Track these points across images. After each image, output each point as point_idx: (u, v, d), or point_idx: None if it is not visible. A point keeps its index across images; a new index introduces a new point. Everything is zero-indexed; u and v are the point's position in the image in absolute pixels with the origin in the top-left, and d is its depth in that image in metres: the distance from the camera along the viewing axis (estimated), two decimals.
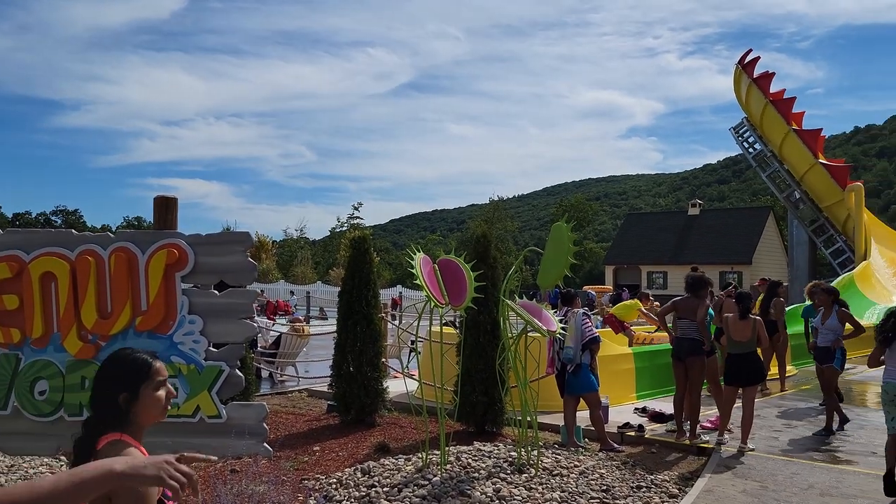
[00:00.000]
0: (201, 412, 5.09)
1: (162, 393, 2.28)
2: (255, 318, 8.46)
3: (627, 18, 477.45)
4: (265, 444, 5.20)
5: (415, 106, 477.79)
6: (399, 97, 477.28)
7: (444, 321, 7.06)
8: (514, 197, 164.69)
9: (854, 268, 26.97)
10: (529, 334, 7.17)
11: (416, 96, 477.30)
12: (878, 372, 15.82)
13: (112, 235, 5.35)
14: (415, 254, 6.52)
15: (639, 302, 15.44)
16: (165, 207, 5.42)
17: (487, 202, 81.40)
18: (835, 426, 9.01)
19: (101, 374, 2.28)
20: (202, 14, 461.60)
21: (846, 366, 9.07)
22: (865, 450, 8.11)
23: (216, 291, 5.24)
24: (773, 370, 12.38)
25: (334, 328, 9.68)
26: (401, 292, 44.35)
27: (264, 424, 5.21)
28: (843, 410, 9.48)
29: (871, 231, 30.39)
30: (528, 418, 6.97)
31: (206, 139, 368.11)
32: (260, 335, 14.82)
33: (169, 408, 2.34)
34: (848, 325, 9.43)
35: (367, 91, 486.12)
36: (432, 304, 6.43)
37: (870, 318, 21.04)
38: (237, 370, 5.19)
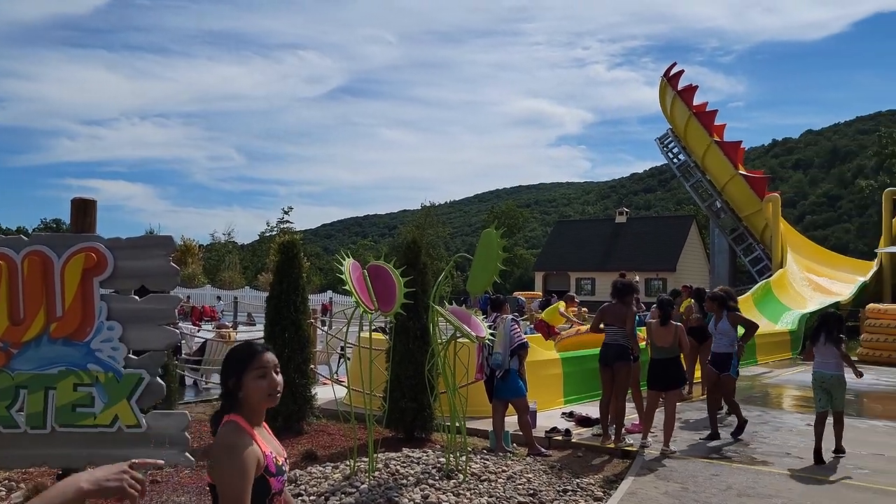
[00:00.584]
0: (120, 422, 4.92)
1: (264, 382, 2.47)
2: (179, 324, 8.25)
3: (558, 29, 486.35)
4: (187, 454, 5.06)
5: (347, 110, 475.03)
6: (331, 101, 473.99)
7: (373, 327, 7.02)
8: (446, 203, 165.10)
9: (771, 275, 28.02)
10: (458, 340, 7.19)
11: (349, 100, 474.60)
12: (793, 376, 16.43)
13: (26, 238, 5.12)
14: (344, 259, 6.46)
15: (562, 303, 15.66)
16: (83, 210, 5.23)
17: (419, 208, 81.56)
18: (722, 433, 9.17)
19: (222, 364, 2.59)
20: (127, 11, 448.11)
21: (762, 370, 9.47)
22: (781, 451, 8.41)
23: (137, 297, 5.09)
24: (698, 374, 12.71)
25: (262, 334, 9.51)
26: (331, 298, 43.93)
27: (186, 434, 5.07)
28: (761, 414, 9.80)
29: (788, 240, 31.63)
30: (457, 424, 6.99)
31: (130, 139, 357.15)
32: (184, 342, 14.44)
33: (273, 394, 2.51)
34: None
35: (298, 94, 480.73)
36: (361, 309, 6.39)
37: (785, 323, 21.90)
38: (158, 378, 5.04)
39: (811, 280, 28.40)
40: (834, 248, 47.99)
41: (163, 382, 5.08)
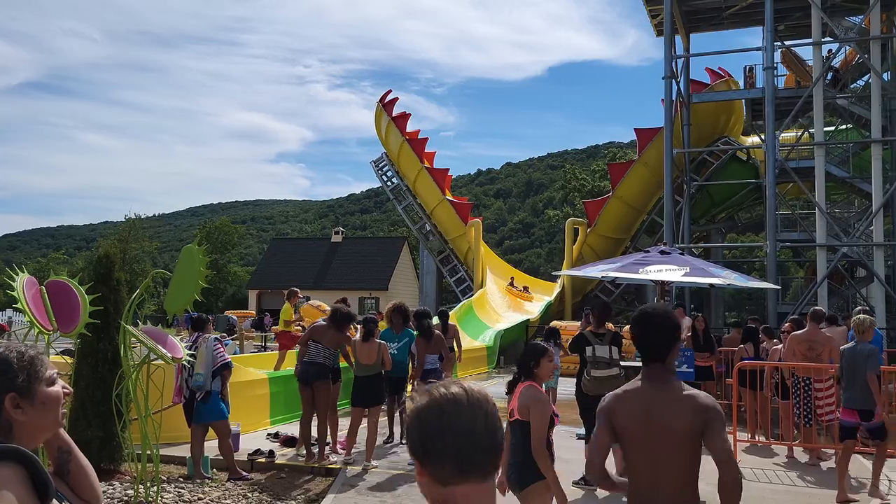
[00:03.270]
0: None
1: None
2: None
3: (279, 44, 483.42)
4: None
5: (39, 108, 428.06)
6: (19, 96, 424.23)
7: (60, 349, 6.33)
8: (155, 215, 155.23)
9: (473, 295, 30.15)
10: (154, 362, 6.75)
11: (42, 97, 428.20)
12: (488, 388, 17.82)
13: None
14: (17, 274, 5.76)
15: (287, 303, 15.34)
16: None
17: (123, 219, 75.62)
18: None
19: None
20: None
21: None
22: None
23: None
24: None
25: None
26: (10, 318, 38.94)
27: None
28: None
29: (488, 262, 34.31)
30: (149, 452, 6.53)
31: None
32: None
33: None
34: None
35: None
36: (37, 330, 5.73)
37: (483, 340, 23.64)
38: None
39: (508, 299, 31.05)
40: (527, 270, 53.06)
41: None
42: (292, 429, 10.20)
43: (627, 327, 4.02)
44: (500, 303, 30.37)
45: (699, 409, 3.01)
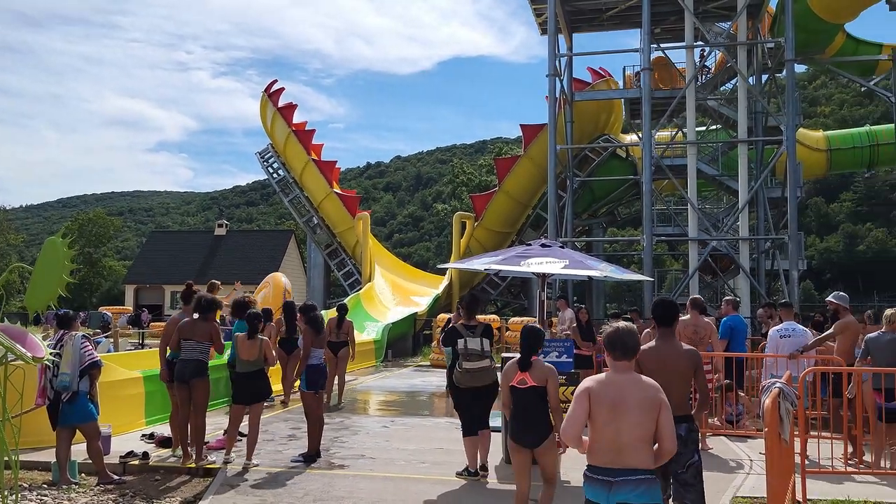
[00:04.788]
0: None
1: None
2: None
3: (158, 28, 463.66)
4: None
5: None
6: None
7: None
8: (21, 206, 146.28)
9: (361, 288, 29.99)
10: (12, 362, 6.30)
11: None
12: (375, 382, 17.56)
13: None
14: None
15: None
16: None
17: None
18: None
19: None
20: None
21: (349, 377, 9.96)
22: (357, 454, 8.93)
23: None
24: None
25: None
26: None
27: None
28: (343, 420, 10.28)
29: (376, 256, 34.19)
30: (7, 458, 6.10)
31: None
32: None
33: None
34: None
35: None
36: None
37: (370, 333, 23.55)
38: None
39: (396, 293, 31.05)
40: (416, 264, 53.34)
41: None
42: (169, 429, 9.81)
43: (494, 317, 5.48)
44: (389, 296, 30.34)
45: (692, 359, 5.23)
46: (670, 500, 5.19)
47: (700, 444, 7.50)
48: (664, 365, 5.08)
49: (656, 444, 3.95)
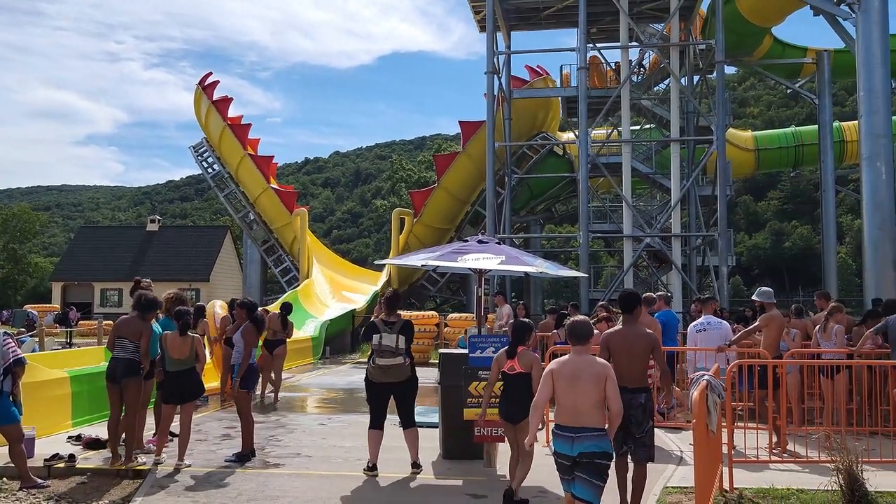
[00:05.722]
0: None
1: None
2: None
3: (87, 17, 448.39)
4: None
5: None
6: None
7: None
8: None
9: (299, 285, 29.66)
10: None
11: None
12: (312, 379, 17.39)
13: None
14: None
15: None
16: None
17: None
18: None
19: None
20: None
21: (286, 375, 9.75)
22: (293, 452, 8.83)
23: None
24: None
25: None
26: None
27: None
28: (279, 419, 10.14)
29: (314, 252, 33.87)
30: None
31: None
32: None
33: None
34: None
35: None
36: None
37: (307, 331, 23.31)
38: None
39: (335, 289, 30.81)
40: (355, 260, 52.97)
41: None
42: (97, 430, 9.53)
43: (433, 313, 5.44)
44: (327, 293, 30.10)
45: (650, 340, 6.10)
46: (629, 455, 6.07)
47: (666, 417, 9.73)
48: (628, 345, 6.04)
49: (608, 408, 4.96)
